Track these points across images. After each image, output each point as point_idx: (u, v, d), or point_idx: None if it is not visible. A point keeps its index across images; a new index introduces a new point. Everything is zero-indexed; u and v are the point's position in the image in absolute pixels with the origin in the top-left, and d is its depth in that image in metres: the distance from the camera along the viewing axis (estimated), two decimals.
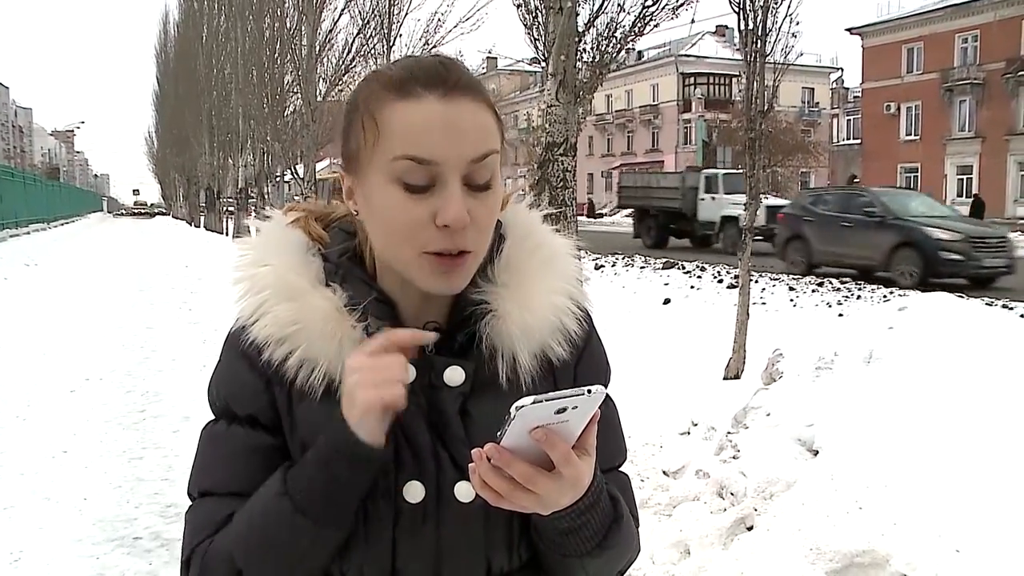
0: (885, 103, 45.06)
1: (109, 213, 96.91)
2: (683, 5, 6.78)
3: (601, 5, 6.45)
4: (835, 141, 56.62)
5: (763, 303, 11.13)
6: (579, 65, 6.32)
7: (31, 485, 4.69)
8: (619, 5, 6.58)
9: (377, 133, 0.93)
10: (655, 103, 60.74)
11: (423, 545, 0.98)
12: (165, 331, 10.08)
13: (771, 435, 3.76)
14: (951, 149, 42.15)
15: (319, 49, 17.64)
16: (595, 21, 6.46)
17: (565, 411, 0.83)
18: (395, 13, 15.24)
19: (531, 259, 1.05)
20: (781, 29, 6.61)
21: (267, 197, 26.39)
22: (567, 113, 5.98)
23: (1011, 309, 9.27)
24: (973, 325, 4.05)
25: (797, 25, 6.74)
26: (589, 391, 0.83)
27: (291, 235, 1.05)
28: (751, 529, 3.34)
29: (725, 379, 6.47)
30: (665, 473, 4.15)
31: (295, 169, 19.32)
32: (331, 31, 18.01)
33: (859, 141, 49.69)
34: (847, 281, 13.32)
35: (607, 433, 0.99)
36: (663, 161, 59.36)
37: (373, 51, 15.93)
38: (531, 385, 1.00)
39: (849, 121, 57.91)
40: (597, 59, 6.55)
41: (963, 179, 41.74)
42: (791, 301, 11.66)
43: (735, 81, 48.64)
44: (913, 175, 43.94)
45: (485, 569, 1.01)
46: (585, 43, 6.41)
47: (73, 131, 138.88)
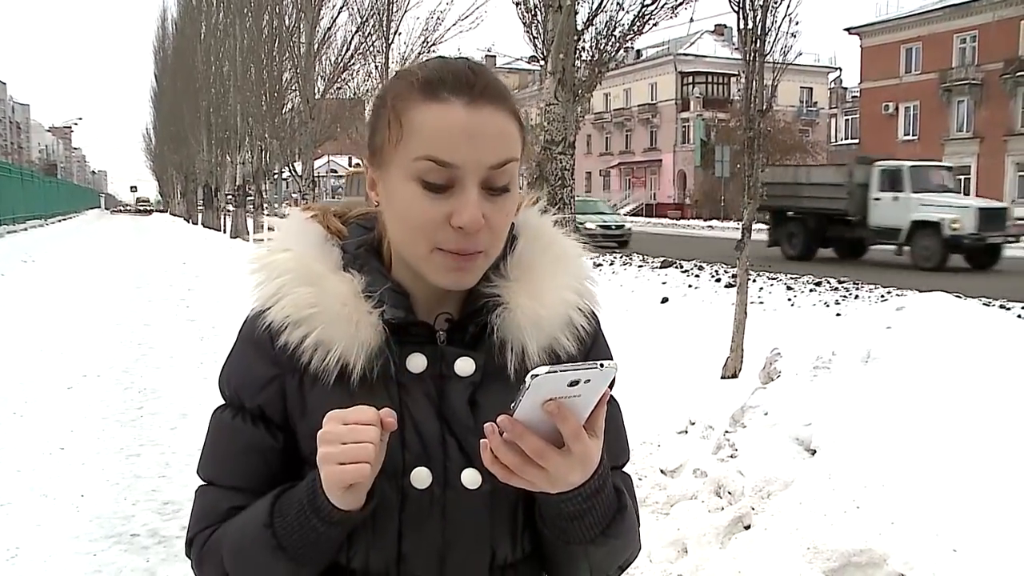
0: (883, 103, 45.10)
1: (107, 210, 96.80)
2: (682, 4, 6.81)
3: (600, 4, 6.46)
4: (833, 141, 56.72)
5: (761, 302, 11.14)
6: (578, 64, 6.33)
7: (28, 482, 4.68)
8: (618, 4, 6.60)
9: (401, 132, 0.96)
10: (653, 102, 60.73)
11: (429, 531, 1.00)
12: (163, 328, 10.07)
13: (769, 434, 3.76)
14: (949, 149, 42.14)
15: (318, 47, 17.65)
16: (594, 19, 6.47)
17: (578, 384, 0.85)
18: (394, 11, 15.26)
19: (543, 257, 1.08)
20: (780, 28, 6.62)
21: (265, 195, 26.38)
22: (565, 111, 5.99)
23: (1008, 309, 9.29)
24: (971, 325, 4.05)
25: (796, 24, 6.75)
26: (602, 364, 0.85)
27: (310, 227, 1.08)
28: (748, 528, 3.34)
29: (723, 378, 6.48)
30: (663, 472, 4.15)
31: (293, 166, 19.31)
32: (330, 29, 18.04)
33: (857, 141, 49.71)
34: (845, 280, 13.33)
35: (611, 432, 1.00)
36: (661, 160, 59.41)
37: (372, 49, 15.94)
38: None
39: (847, 121, 58.02)
40: (596, 58, 6.56)
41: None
42: (789, 300, 11.66)
43: (734, 80, 48.74)
44: None
45: (489, 557, 1.03)
46: (584, 41, 6.42)
47: (71, 127, 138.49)
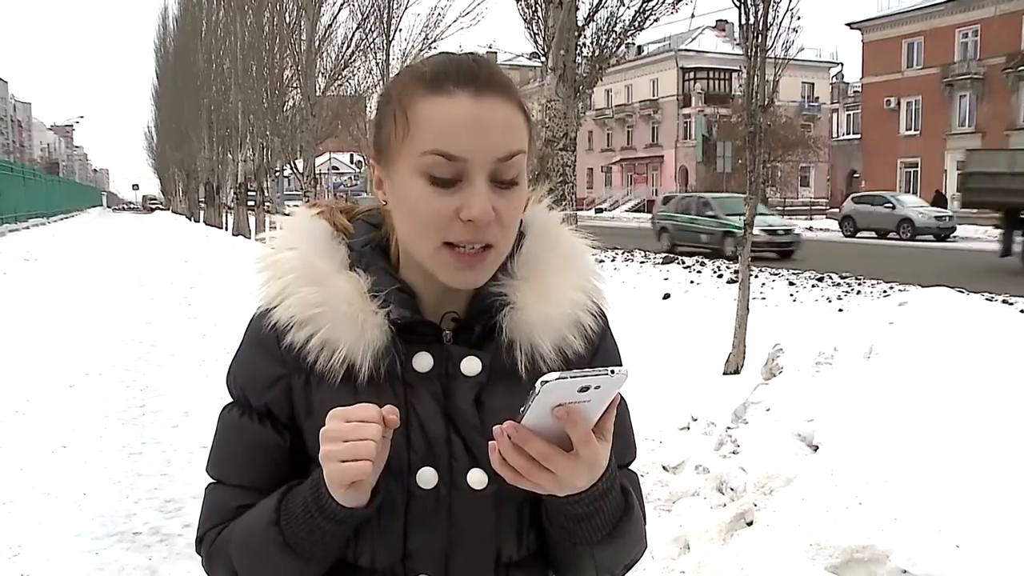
0: (885, 98, 45.01)
1: (109, 208, 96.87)
2: (682, 0, 6.79)
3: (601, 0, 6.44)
4: (835, 136, 56.61)
5: (763, 298, 11.13)
6: (579, 60, 6.32)
7: (30, 480, 4.69)
8: None
9: (407, 127, 0.95)
10: (655, 98, 60.67)
11: (434, 531, 1.00)
12: (164, 326, 10.07)
13: (771, 430, 3.75)
14: (951, 144, 42.06)
15: (318, 44, 17.60)
16: (595, 15, 6.45)
17: (588, 390, 0.84)
18: (394, 7, 15.22)
19: (550, 255, 1.07)
20: (782, 23, 6.61)
21: (266, 192, 26.37)
22: (566, 108, 5.98)
23: (1011, 304, 9.28)
24: (973, 320, 4.04)
25: (798, 19, 6.74)
26: (612, 371, 0.84)
27: (316, 224, 1.07)
28: (751, 524, 3.34)
29: (725, 374, 6.47)
30: (665, 468, 4.15)
31: (294, 164, 19.29)
32: (330, 25, 17.98)
33: (859, 136, 49.65)
34: (847, 276, 13.32)
35: (619, 432, 0.99)
36: (663, 156, 59.35)
37: (372, 45, 15.90)
38: None
39: (849, 116, 57.91)
40: (597, 54, 6.54)
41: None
42: (791, 296, 11.66)
43: (735, 76, 48.70)
44: (913, 170, 43.92)
45: (495, 557, 1.02)
46: (585, 38, 6.41)
47: (72, 126, 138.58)
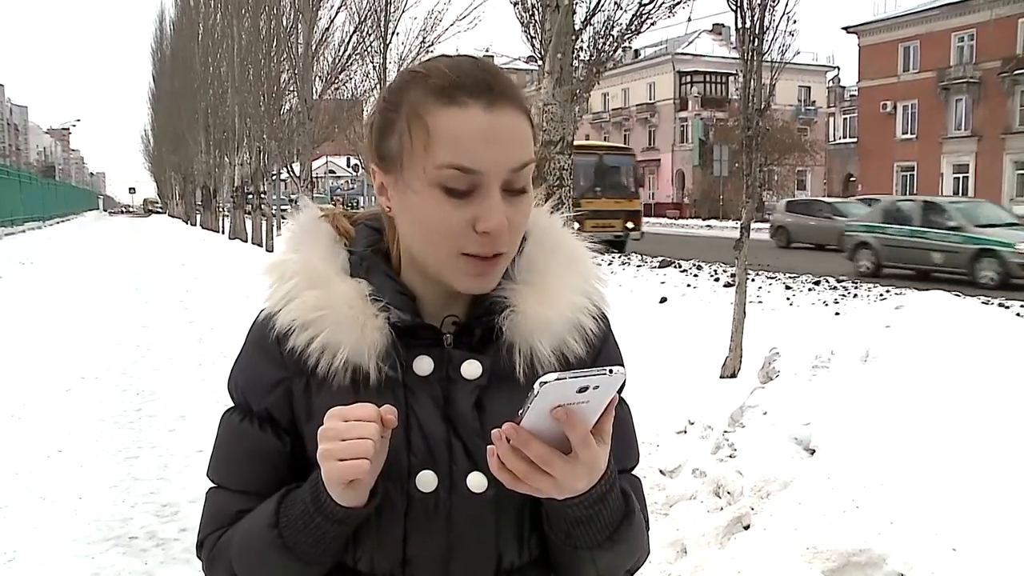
0: (881, 102, 45.10)
1: (105, 211, 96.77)
2: (680, 3, 6.80)
3: (598, 3, 6.45)
4: (831, 140, 56.74)
5: (760, 302, 11.13)
6: (576, 63, 6.32)
7: (26, 484, 4.67)
8: (616, 3, 6.59)
9: (424, 138, 0.94)
10: (652, 101, 60.75)
11: (434, 535, 0.99)
12: (161, 330, 10.06)
13: (768, 434, 3.75)
14: (947, 148, 42.18)
15: (315, 47, 17.63)
16: (592, 19, 6.45)
17: (586, 391, 0.84)
18: (391, 11, 15.25)
19: (551, 259, 1.07)
20: (778, 27, 6.61)
21: (263, 195, 26.36)
22: (563, 111, 5.98)
23: (1007, 308, 9.30)
24: (970, 324, 4.05)
25: (794, 23, 6.74)
26: (611, 371, 0.84)
27: (321, 226, 1.08)
28: (748, 528, 3.34)
29: (722, 378, 6.47)
30: (662, 472, 4.15)
31: (291, 167, 19.28)
32: (327, 29, 18.02)
33: (855, 140, 49.73)
34: (843, 279, 13.33)
35: (621, 435, 1.00)
36: (659, 160, 59.41)
37: (369, 49, 15.93)
38: None
39: (845, 120, 57.99)
40: (594, 57, 6.55)
41: (959, 178, 41.78)
42: (788, 300, 11.66)
43: (732, 79, 48.77)
44: (909, 174, 43.99)
45: (495, 562, 1.02)
46: (582, 41, 6.41)
47: (69, 129, 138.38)
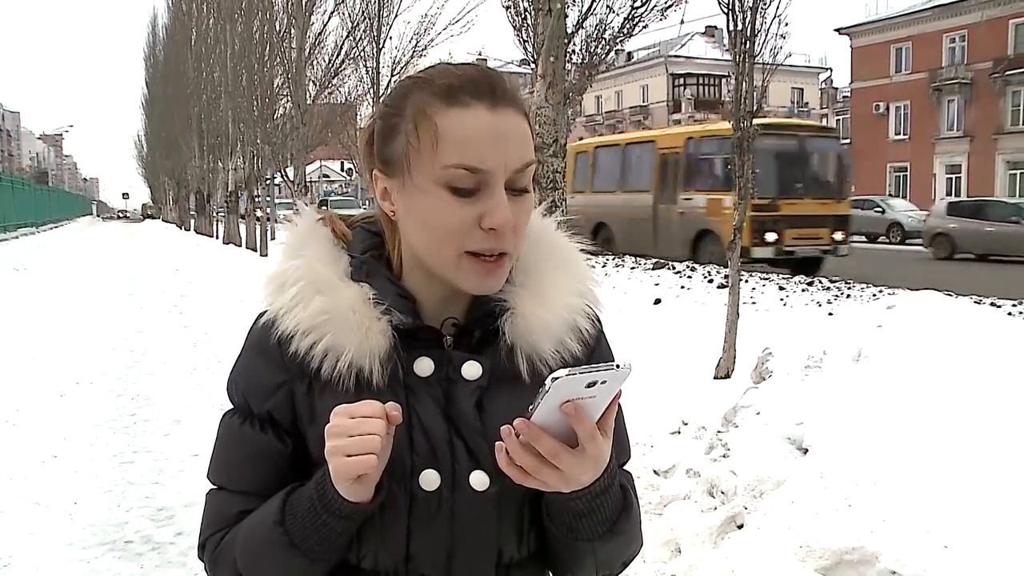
0: (874, 103, 45.22)
1: (98, 217, 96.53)
2: (671, 6, 6.83)
3: (590, 6, 6.47)
4: None
5: (753, 303, 11.15)
6: (568, 66, 6.35)
7: (21, 490, 4.67)
8: (608, 6, 6.61)
9: (428, 140, 0.96)
10: (645, 104, 60.78)
11: (437, 532, 1.01)
12: (155, 335, 10.05)
13: (761, 434, 3.77)
14: (940, 148, 42.30)
15: (309, 52, 17.63)
16: (584, 23, 6.48)
17: (594, 386, 0.85)
18: (385, 15, 15.25)
19: (547, 261, 1.09)
20: (770, 30, 6.62)
21: (256, 200, 26.34)
22: (556, 114, 6.00)
23: (999, 307, 9.33)
24: (961, 323, 4.07)
25: (786, 26, 6.75)
26: (618, 365, 0.85)
27: (320, 230, 1.09)
28: (741, 527, 3.35)
29: (715, 378, 6.48)
30: (656, 472, 4.16)
31: (285, 172, 19.26)
32: (320, 34, 18.01)
33: (848, 141, 49.75)
34: (836, 280, 13.36)
35: (616, 431, 1.01)
36: None
37: (363, 54, 15.92)
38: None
39: (838, 121, 58.03)
40: (586, 60, 6.57)
41: (952, 178, 41.90)
42: (781, 300, 11.68)
43: (725, 81, 48.79)
44: (902, 175, 44.11)
45: (496, 557, 1.04)
46: (574, 44, 6.44)
47: (62, 135, 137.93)
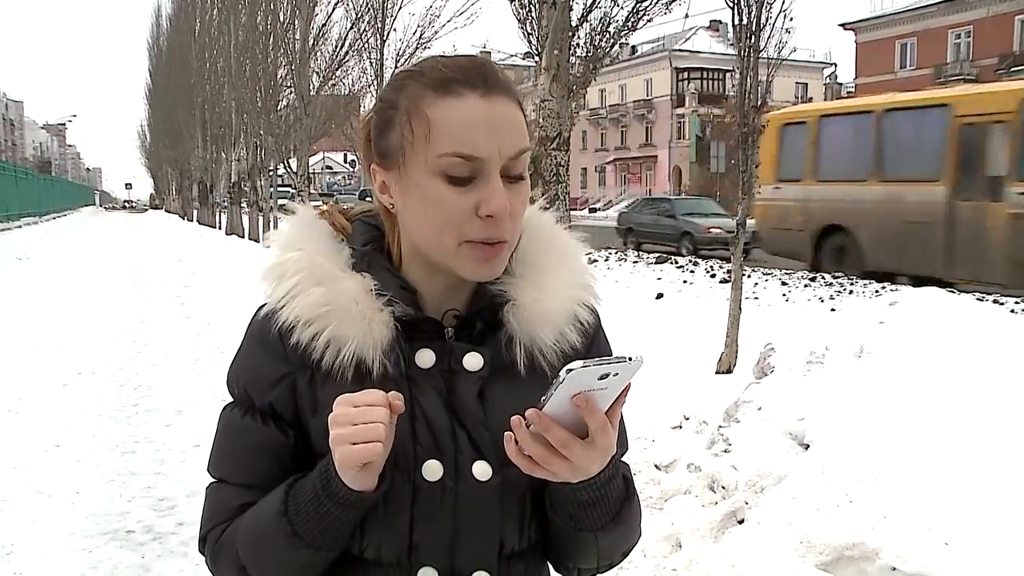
0: None
1: (101, 207, 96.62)
2: (676, 0, 6.81)
3: (595, 0, 6.45)
4: None
5: (756, 298, 11.15)
6: (572, 60, 6.33)
7: (23, 479, 4.68)
8: (613, 0, 6.59)
9: (422, 130, 0.97)
10: (649, 98, 60.71)
11: (440, 522, 1.01)
12: (158, 325, 10.06)
13: (762, 429, 3.77)
14: None
15: (312, 43, 17.60)
16: (588, 16, 6.47)
17: (607, 378, 0.86)
18: (389, 7, 15.24)
19: (547, 254, 1.10)
20: (775, 24, 6.61)
21: (260, 191, 26.32)
22: (560, 107, 5.99)
23: (1001, 304, 9.33)
24: (963, 320, 4.06)
25: (791, 20, 6.74)
26: (630, 358, 0.86)
27: (319, 224, 1.09)
28: (742, 522, 3.36)
29: (717, 373, 6.48)
30: (657, 467, 4.16)
31: (288, 163, 19.26)
32: (324, 25, 17.99)
33: None
34: (839, 276, 13.35)
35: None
36: (656, 156, 59.40)
37: (367, 45, 15.92)
38: (546, 372, 1.04)
39: None
40: (590, 54, 6.56)
41: None
42: (783, 296, 11.68)
43: (729, 76, 48.69)
44: None
45: (498, 548, 1.04)
46: (578, 38, 6.43)
47: (65, 125, 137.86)
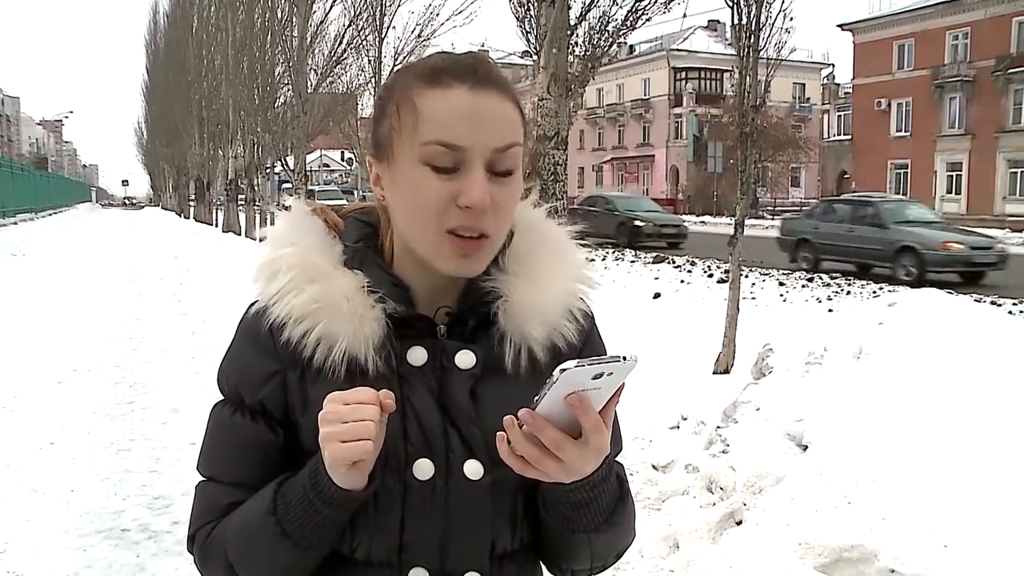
0: (876, 99, 45.12)
1: (98, 203, 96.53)
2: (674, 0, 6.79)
3: None
4: (826, 137, 56.72)
5: (753, 298, 11.16)
6: (571, 58, 6.32)
7: (18, 477, 4.66)
8: None
9: (408, 120, 0.97)
10: (646, 97, 60.70)
11: (431, 522, 1.00)
12: (154, 322, 10.04)
13: (760, 430, 3.76)
14: (941, 146, 42.24)
15: (310, 40, 17.55)
16: (587, 15, 6.45)
17: (600, 377, 0.85)
18: (387, 5, 15.21)
19: (540, 251, 1.09)
20: (774, 24, 6.61)
21: (257, 189, 26.30)
22: (558, 106, 5.98)
23: (999, 306, 9.33)
24: (962, 321, 4.06)
25: (790, 20, 6.74)
26: (624, 358, 0.85)
27: (312, 220, 1.09)
28: (740, 523, 3.35)
29: (715, 374, 6.48)
30: (655, 467, 4.16)
31: (285, 160, 19.23)
32: (322, 22, 17.93)
33: (849, 137, 49.76)
34: (837, 277, 13.36)
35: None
36: (654, 155, 59.42)
37: (365, 43, 15.88)
38: (539, 370, 1.03)
39: (840, 117, 57.98)
40: (589, 53, 6.54)
41: (952, 176, 41.85)
42: (781, 296, 11.69)
43: (727, 76, 48.74)
44: (903, 172, 44.05)
45: (489, 548, 1.03)
46: (577, 37, 6.41)
47: (61, 121, 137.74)
